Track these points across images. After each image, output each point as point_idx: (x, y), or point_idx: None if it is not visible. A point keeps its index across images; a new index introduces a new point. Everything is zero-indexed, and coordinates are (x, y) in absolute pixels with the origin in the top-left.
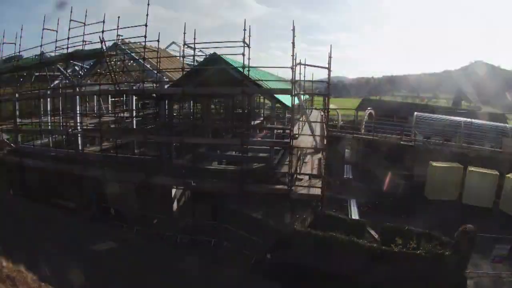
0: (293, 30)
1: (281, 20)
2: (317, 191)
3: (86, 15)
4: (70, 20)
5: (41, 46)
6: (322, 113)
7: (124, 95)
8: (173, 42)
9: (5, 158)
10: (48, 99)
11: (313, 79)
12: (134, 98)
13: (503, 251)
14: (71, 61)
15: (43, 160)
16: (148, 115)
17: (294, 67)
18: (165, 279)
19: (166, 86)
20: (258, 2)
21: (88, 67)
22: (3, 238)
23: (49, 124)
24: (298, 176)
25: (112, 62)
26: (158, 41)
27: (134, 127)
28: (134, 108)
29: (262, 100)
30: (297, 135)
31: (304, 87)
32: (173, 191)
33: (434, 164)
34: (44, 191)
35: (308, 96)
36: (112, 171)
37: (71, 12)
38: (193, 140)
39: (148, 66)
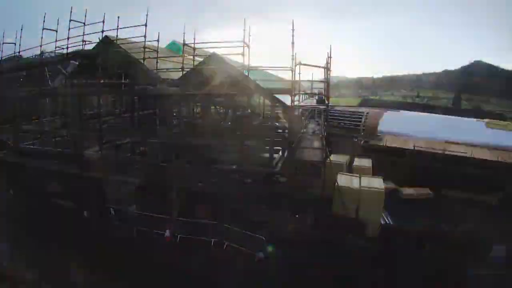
0: (293, 29)
1: None
2: (317, 191)
3: (85, 15)
4: (70, 20)
5: (41, 46)
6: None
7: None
8: (173, 42)
9: (5, 158)
10: (48, 99)
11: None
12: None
13: (501, 252)
14: (71, 61)
15: (43, 160)
16: (148, 115)
17: (294, 67)
18: (166, 278)
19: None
20: None
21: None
22: (4, 238)
23: (49, 124)
24: (298, 176)
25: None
26: (158, 41)
27: (134, 127)
28: (133, 108)
29: (262, 100)
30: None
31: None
32: (173, 191)
33: None
34: (44, 191)
35: (307, 96)
36: (111, 171)
37: (71, 12)
38: (193, 140)
39: (148, 65)
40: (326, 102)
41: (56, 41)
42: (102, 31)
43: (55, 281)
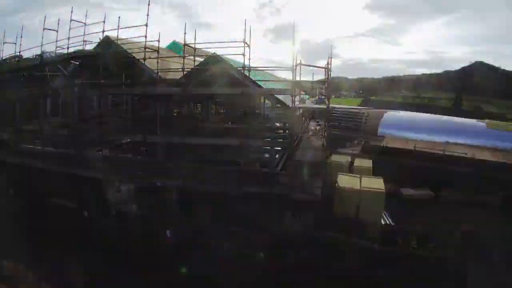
0: (293, 30)
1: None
2: (318, 192)
3: (86, 15)
4: (71, 20)
5: (41, 46)
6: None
7: (125, 95)
8: (174, 42)
9: (5, 158)
10: (48, 99)
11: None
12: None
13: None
14: (72, 61)
15: (43, 160)
16: (149, 115)
17: (294, 67)
18: (166, 280)
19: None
20: None
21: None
22: (3, 238)
23: (49, 124)
24: (299, 177)
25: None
26: (158, 41)
27: (134, 127)
28: (134, 108)
29: (262, 100)
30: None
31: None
32: (173, 191)
33: None
34: (44, 191)
35: (308, 96)
36: (112, 171)
37: (71, 12)
38: (193, 140)
39: (148, 65)
40: (327, 102)
41: (56, 41)
42: (103, 31)
43: (55, 281)
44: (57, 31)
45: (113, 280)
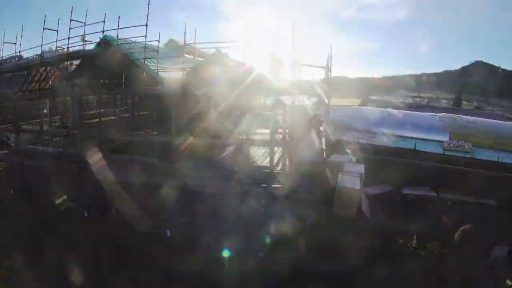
0: (293, 30)
1: None
2: (318, 191)
3: (86, 15)
4: (71, 20)
5: (41, 46)
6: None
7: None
8: (171, 40)
9: (5, 158)
10: (48, 99)
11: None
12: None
13: (502, 253)
14: (72, 61)
15: (43, 160)
16: (148, 115)
17: (294, 67)
18: (166, 280)
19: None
20: None
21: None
22: (3, 238)
23: (49, 123)
24: (299, 176)
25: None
26: (158, 41)
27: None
28: (133, 108)
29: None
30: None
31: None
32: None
33: None
34: (44, 191)
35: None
36: (112, 170)
37: (71, 12)
38: (193, 139)
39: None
40: (327, 102)
41: (56, 41)
42: (103, 31)
43: (54, 281)
44: (57, 31)
45: (112, 280)
